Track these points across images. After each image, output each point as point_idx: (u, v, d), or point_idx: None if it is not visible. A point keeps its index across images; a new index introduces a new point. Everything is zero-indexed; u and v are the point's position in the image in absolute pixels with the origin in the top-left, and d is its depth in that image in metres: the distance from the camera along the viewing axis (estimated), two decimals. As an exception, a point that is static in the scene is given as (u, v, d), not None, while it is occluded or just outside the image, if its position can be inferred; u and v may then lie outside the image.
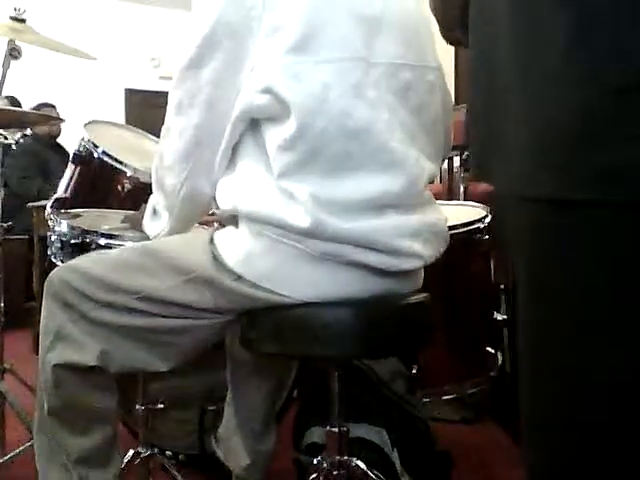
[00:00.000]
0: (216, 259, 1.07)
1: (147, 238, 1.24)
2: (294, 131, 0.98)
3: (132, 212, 1.42)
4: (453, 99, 1.29)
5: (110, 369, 1.12)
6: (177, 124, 1.08)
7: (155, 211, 1.21)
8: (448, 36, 0.77)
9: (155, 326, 1.11)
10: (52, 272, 1.17)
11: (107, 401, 1.16)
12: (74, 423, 1.14)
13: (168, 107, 1.09)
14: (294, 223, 1.00)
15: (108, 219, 1.51)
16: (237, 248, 1.06)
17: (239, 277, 1.05)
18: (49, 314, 1.15)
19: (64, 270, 1.16)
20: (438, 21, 0.79)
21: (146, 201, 1.24)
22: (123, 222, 1.44)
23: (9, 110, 1.89)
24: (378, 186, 1.03)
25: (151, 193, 1.22)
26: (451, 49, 4.43)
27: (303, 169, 1.00)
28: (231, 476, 1.55)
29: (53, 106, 4.65)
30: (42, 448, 1.16)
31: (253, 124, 1.05)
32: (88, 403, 1.14)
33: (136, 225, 1.33)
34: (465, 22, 0.69)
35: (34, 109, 4.22)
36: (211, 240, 1.10)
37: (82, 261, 1.19)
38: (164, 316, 1.10)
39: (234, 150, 1.08)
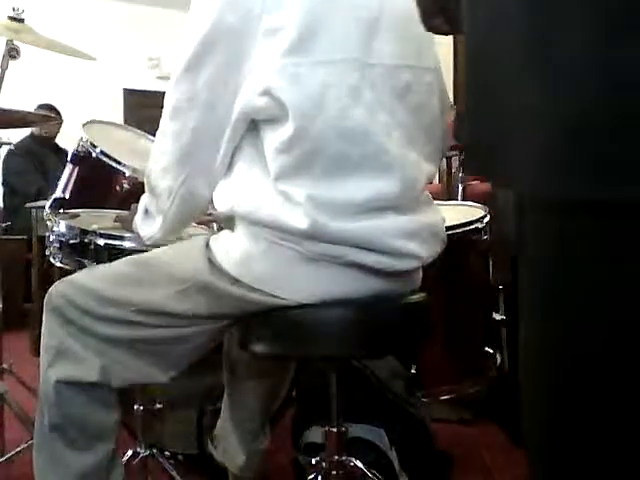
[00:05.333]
0: (213, 264, 1.07)
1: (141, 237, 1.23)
2: (292, 133, 0.98)
3: (124, 212, 1.42)
4: (452, 99, 1.29)
5: (112, 384, 1.12)
6: (173, 127, 1.08)
7: (147, 211, 1.20)
8: (428, 23, 0.72)
9: (155, 337, 1.11)
10: (51, 288, 1.17)
11: (108, 417, 1.15)
12: (75, 439, 1.12)
13: (164, 109, 1.09)
14: (292, 225, 1.00)
15: (106, 219, 1.51)
16: (234, 252, 1.06)
17: (236, 281, 1.05)
18: (49, 330, 1.14)
19: (63, 285, 1.16)
20: (418, 7, 0.74)
21: (138, 201, 1.24)
22: (115, 222, 1.44)
23: (9, 110, 1.88)
24: (375, 188, 1.03)
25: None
26: (450, 48, 4.43)
27: (300, 171, 1.00)
28: (229, 476, 1.56)
29: (52, 107, 4.62)
30: (42, 464, 1.15)
31: (251, 126, 1.05)
32: (89, 419, 1.13)
33: (127, 225, 1.33)
34: (444, 7, 0.64)
35: (36, 110, 4.21)
36: (207, 245, 1.10)
37: (80, 276, 1.19)
38: (163, 327, 1.10)
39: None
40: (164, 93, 1.09)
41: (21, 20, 1.91)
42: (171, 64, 1.09)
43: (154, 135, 1.15)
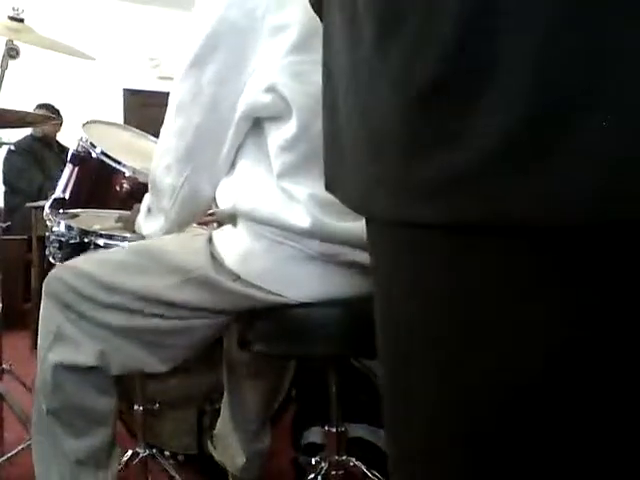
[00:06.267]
0: (215, 259, 1.07)
1: (143, 238, 1.24)
2: (295, 131, 0.99)
3: (126, 212, 1.42)
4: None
5: (110, 370, 1.12)
6: (177, 123, 1.08)
7: (150, 210, 1.20)
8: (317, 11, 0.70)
9: (154, 327, 1.11)
10: (50, 272, 1.17)
11: (106, 403, 1.15)
12: (73, 424, 1.13)
13: (169, 106, 1.09)
14: (294, 223, 1.00)
15: (106, 219, 1.51)
16: (236, 248, 1.06)
17: (237, 277, 1.05)
18: (48, 315, 1.14)
19: (62, 270, 1.16)
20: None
21: (141, 201, 1.24)
22: (117, 222, 1.44)
23: (9, 110, 1.88)
24: None
25: (150, 193, 1.21)
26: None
27: (302, 170, 1.01)
28: (229, 476, 1.56)
29: (51, 106, 4.60)
30: (40, 449, 1.15)
31: (254, 124, 1.05)
32: (87, 404, 1.13)
33: (129, 225, 1.33)
34: None
35: (35, 110, 4.20)
36: (210, 240, 1.10)
37: (80, 261, 1.19)
38: (162, 316, 1.10)
39: None
40: (165, 93, 1.10)
41: (21, 20, 1.91)
42: (172, 64, 1.10)
43: (154, 135, 1.16)
